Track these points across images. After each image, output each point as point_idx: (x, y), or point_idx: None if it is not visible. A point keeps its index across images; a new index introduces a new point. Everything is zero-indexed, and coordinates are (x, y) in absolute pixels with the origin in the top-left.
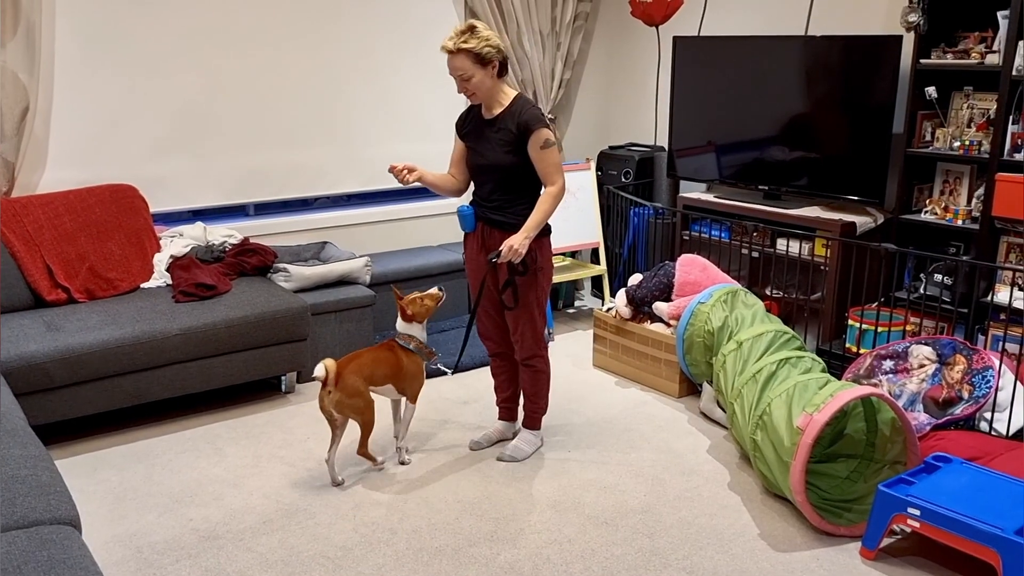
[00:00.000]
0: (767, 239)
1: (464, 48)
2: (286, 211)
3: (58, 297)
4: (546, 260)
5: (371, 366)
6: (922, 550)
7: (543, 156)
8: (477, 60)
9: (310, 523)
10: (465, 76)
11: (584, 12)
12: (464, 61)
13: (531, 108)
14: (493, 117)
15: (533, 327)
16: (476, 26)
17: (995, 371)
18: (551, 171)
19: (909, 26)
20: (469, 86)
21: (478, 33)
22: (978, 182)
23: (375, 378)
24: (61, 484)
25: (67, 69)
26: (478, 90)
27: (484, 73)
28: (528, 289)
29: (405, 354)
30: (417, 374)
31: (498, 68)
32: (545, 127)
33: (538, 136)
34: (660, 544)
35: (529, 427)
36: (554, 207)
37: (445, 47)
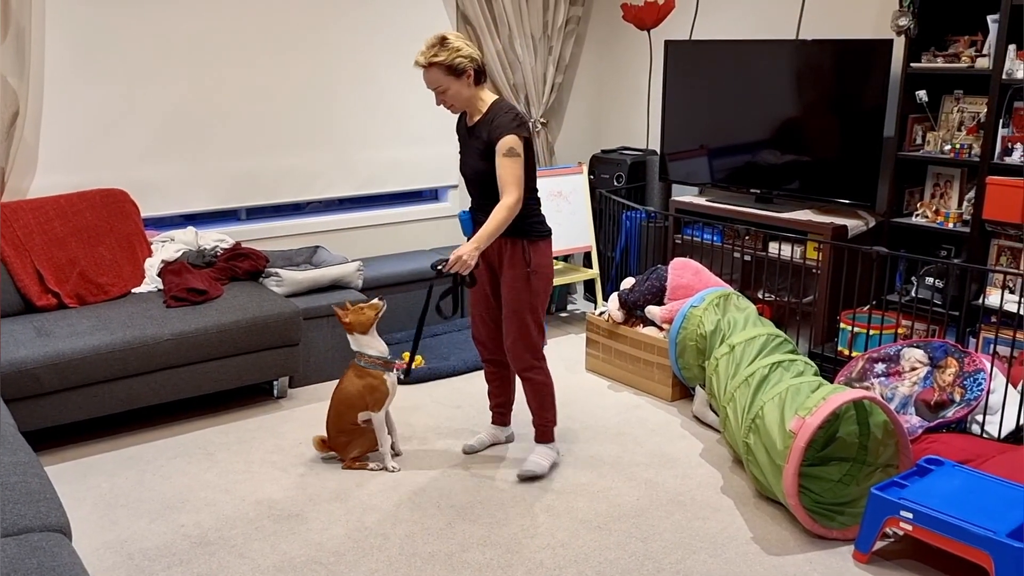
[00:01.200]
0: (759, 243)
1: (435, 62)
2: (278, 215)
3: (48, 302)
4: (542, 263)
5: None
6: (915, 553)
7: (502, 163)
8: (450, 72)
9: (302, 528)
10: (440, 89)
11: (576, 16)
12: (437, 74)
13: (504, 115)
14: (473, 124)
15: (527, 335)
16: (447, 37)
17: (986, 374)
18: (507, 180)
19: (899, 30)
20: (446, 98)
21: (448, 44)
22: (969, 185)
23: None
24: (51, 491)
25: (57, 73)
26: (456, 101)
27: (459, 84)
28: (520, 292)
29: (359, 373)
30: (372, 387)
31: (473, 76)
32: (513, 134)
33: (503, 143)
34: (653, 548)
35: (542, 441)
36: (506, 220)
37: (417, 62)
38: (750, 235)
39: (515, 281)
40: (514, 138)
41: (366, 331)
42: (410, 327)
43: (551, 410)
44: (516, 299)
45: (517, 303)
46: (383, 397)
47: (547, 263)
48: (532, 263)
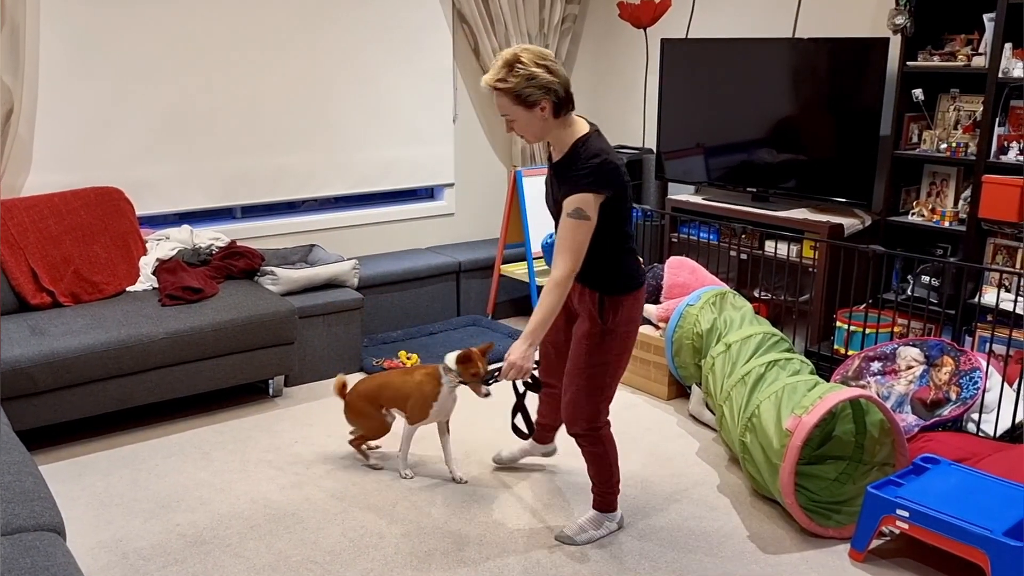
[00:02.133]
0: (755, 241)
1: (501, 88)
2: (273, 214)
3: (43, 301)
4: (622, 321)
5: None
6: (911, 552)
7: (563, 223)
8: (519, 102)
9: (298, 528)
10: (509, 117)
11: (572, 14)
12: (503, 101)
13: (583, 163)
14: (558, 161)
15: (582, 398)
16: (521, 58)
17: (982, 372)
18: (561, 247)
19: (896, 28)
20: (516, 128)
21: (519, 69)
22: (965, 184)
23: (380, 399)
24: (45, 490)
25: (52, 71)
26: (527, 133)
27: (530, 116)
28: (588, 351)
29: (426, 377)
30: (420, 400)
31: (551, 109)
32: (586, 192)
33: (571, 201)
34: (649, 546)
35: (599, 508)
36: (557, 303)
37: (485, 82)
38: (746, 234)
39: (584, 338)
40: (585, 197)
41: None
42: (406, 325)
43: (608, 481)
44: (579, 357)
45: (580, 361)
46: (421, 413)
47: (627, 320)
48: (609, 321)
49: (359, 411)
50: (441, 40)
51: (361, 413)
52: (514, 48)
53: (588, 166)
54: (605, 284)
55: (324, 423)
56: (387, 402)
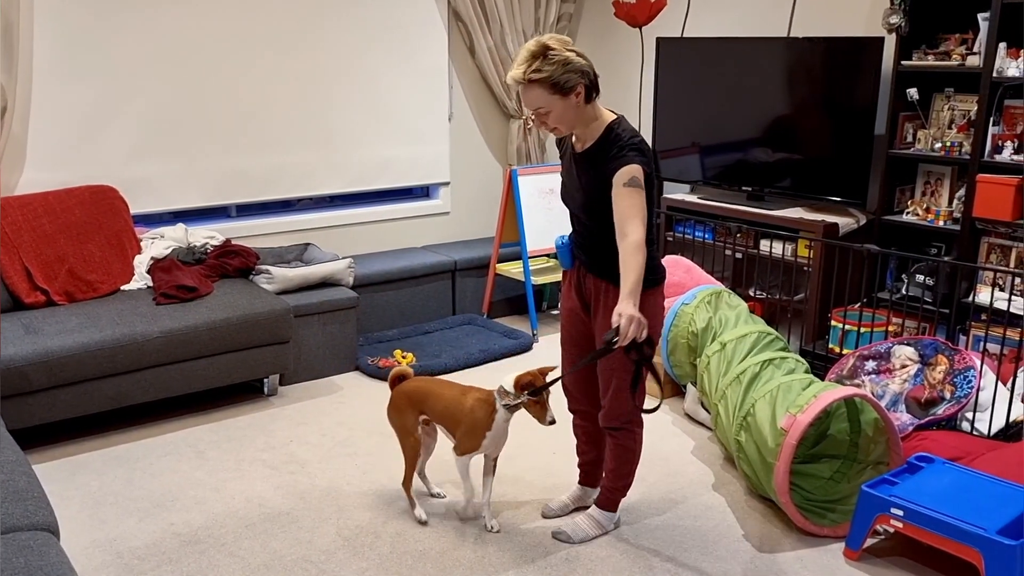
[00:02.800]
0: (750, 240)
1: (537, 79)
2: (268, 212)
3: (37, 299)
4: (651, 315)
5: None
6: (905, 550)
7: (622, 194)
8: (555, 90)
9: (293, 527)
10: (543, 111)
11: (568, 13)
12: (539, 93)
13: (625, 141)
14: (585, 151)
15: (622, 395)
16: (551, 46)
17: (976, 371)
18: (630, 215)
19: (891, 28)
20: (548, 121)
21: (553, 56)
22: (959, 183)
23: (426, 408)
24: (39, 489)
25: (46, 69)
26: (561, 123)
27: (566, 103)
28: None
29: (478, 403)
30: (472, 428)
31: (584, 94)
32: (635, 163)
33: (624, 172)
34: (645, 545)
35: (602, 506)
36: (643, 262)
37: (515, 78)
38: (742, 233)
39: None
40: (636, 167)
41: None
42: (401, 324)
43: (627, 479)
44: (615, 355)
45: (613, 360)
46: (472, 442)
47: (655, 313)
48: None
49: (397, 406)
50: (437, 39)
51: (398, 409)
52: (536, 39)
53: (632, 143)
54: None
55: (319, 422)
56: (431, 413)
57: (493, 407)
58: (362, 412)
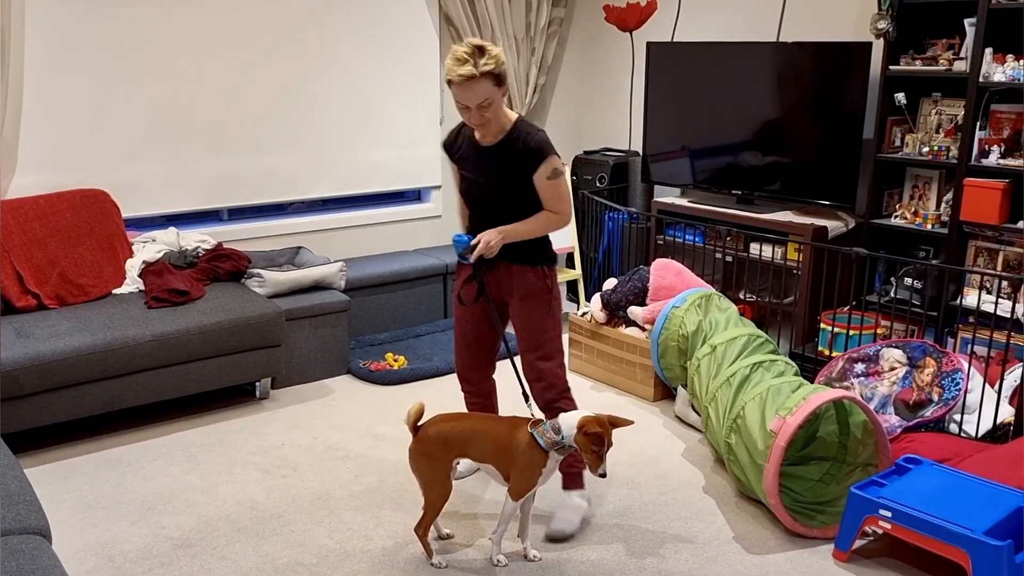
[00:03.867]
0: (740, 243)
1: (487, 71)
2: (260, 216)
3: (28, 303)
4: (557, 288)
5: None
6: (894, 551)
7: (550, 186)
8: (497, 82)
9: (285, 530)
10: (487, 102)
11: (558, 17)
12: (487, 86)
13: (538, 133)
14: (495, 144)
15: (557, 363)
16: (482, 45)
17: (964, 374)
18: (557, 201)
19: (879, 33)
20: (488, 114)
21: (490, 51)
22: (947, 187)
23: (468, 450)
24: (31, 493)
25: (37, 72)
26: (496, 115)
27: (500, 95)
28: (547, 322)
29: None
30: (528, 467)
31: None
32: (555, 155)
33: (549, 164)
34: (635, 548)
35: (572, 487)
36: (546, 229)
37: (461, 75)
38: (731, 236)
39: (539, 311)
40: (556, 159)
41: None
42: (393, 327)
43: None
44: (540, 331)
45: (544, 335)
46: (526, 485)
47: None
48: (554, 290)
49: (429, 454)
50: (427, 42)
51: (431, 457)
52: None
53: (541, 137)
54: (543, 256)
55: (311, 426)
56: (477, 455)
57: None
58: (354, 415)
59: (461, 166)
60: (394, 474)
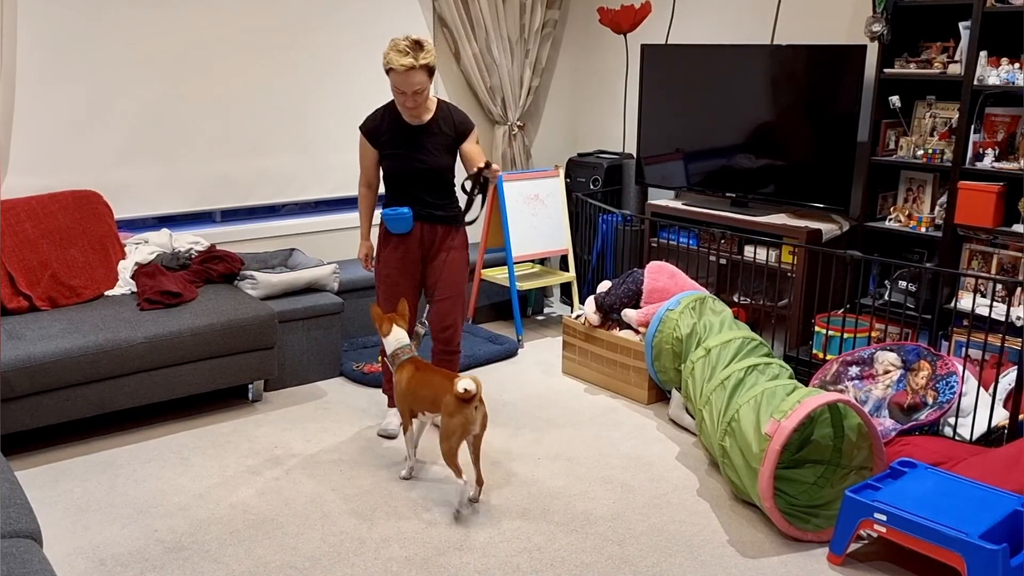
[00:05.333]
0: (734, 246)
1: (425, 63)
2: (253, 218)
3: (19, 305)
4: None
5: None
6: (888, 555)
7: (477, 148)
8: (430, 73)
9: (278, 533)
10: (421, 90)
11: (553, 20)
12: (423, 76)
13: (459, 111)
14: (424, 123)
15: (463, 315)
16: (420, 40)
17: (959, 377)
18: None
19: (873, 36)
20: (420, 98)
21: (427, 47)
22: (941, 190)
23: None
24: (21, 496)
25: (30, 73)
26: (425, 100)
27: (430, 83)
28: (463, 274)
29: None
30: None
31: None
32: (473, 127)
33: (474, 134)
34: (629, 551)
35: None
36: None
37: (404, 64)
38: (726, 239)
39: (459, 263)
40: (474, 127)
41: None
42: None
43: None
44: (458, 283)
45: (461, 285)
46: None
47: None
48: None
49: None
50: None
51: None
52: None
53: (462, 113)
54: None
55: (304, 428)
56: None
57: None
58: (347, 418)
59: (387, 147)
60: (387, 477)
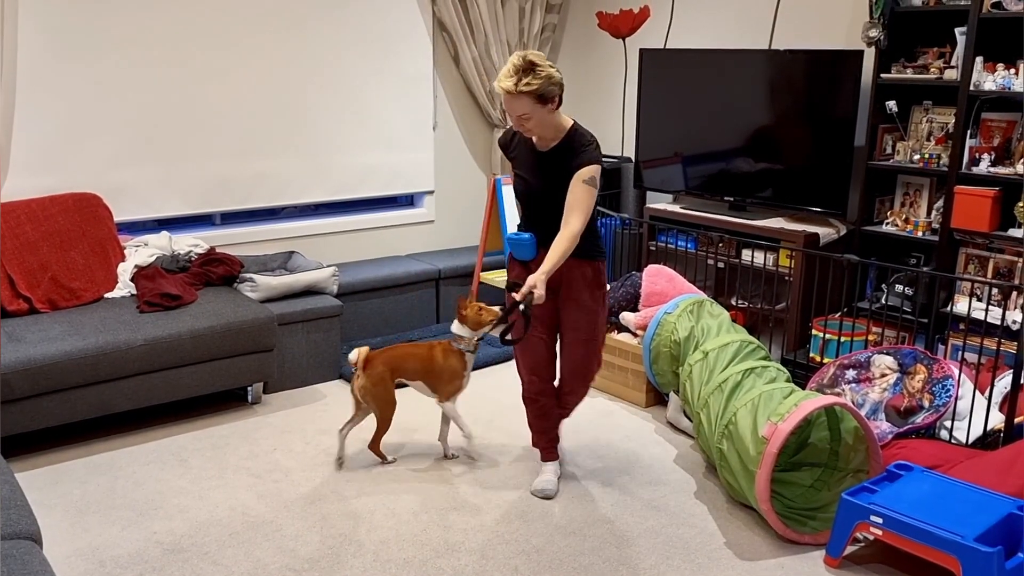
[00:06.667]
0: (732, 250)
1: (526, 91)
2: (253, 220)
3: (19, 307)
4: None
5: (401, 359)
6: (885, 557)
7: (580, 188)
8: (539, 100)
9: (276, 535)
10: (525, 116)
11: (552, 24)
12: (526, 102)
13: (587, 142)
14: (549, 150)
15: (596, 361)
16: (536, 63)
17: (955, 380)
18: (578, 208)
19: (870, 41)
20: (528, 124)
21: (539, 71)
22: (937, 194)
23: (405, 371)
24: (21, 498)
25: (30, 76)
26: (537, 127)
27: (544, 111)
28: (596, 316)
29: (447, 353)
30: (453, 375)
31: (558, 102)
32: (597, 164)
33: (586, 171)
34: (627, 554)
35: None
36: (570, 249)
37: (506, 89)
38: (723, 242)
39: (591, 303)
40: (596, 167)
41: (475, 328)
42: (385, 332)
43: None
44: (591, 323)
45: (592, 328)
46: (454, 388)
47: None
48: (603, 284)
49: (382, 379)
50: (421, 48)
51: (384, 381)
52: (520, 55)
53: (592, 144)
54: (596, 253)
55: (303, 430)
56: (410, 374)
57: (461, 352)
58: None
59: (515, 165)
60: (386, 479)
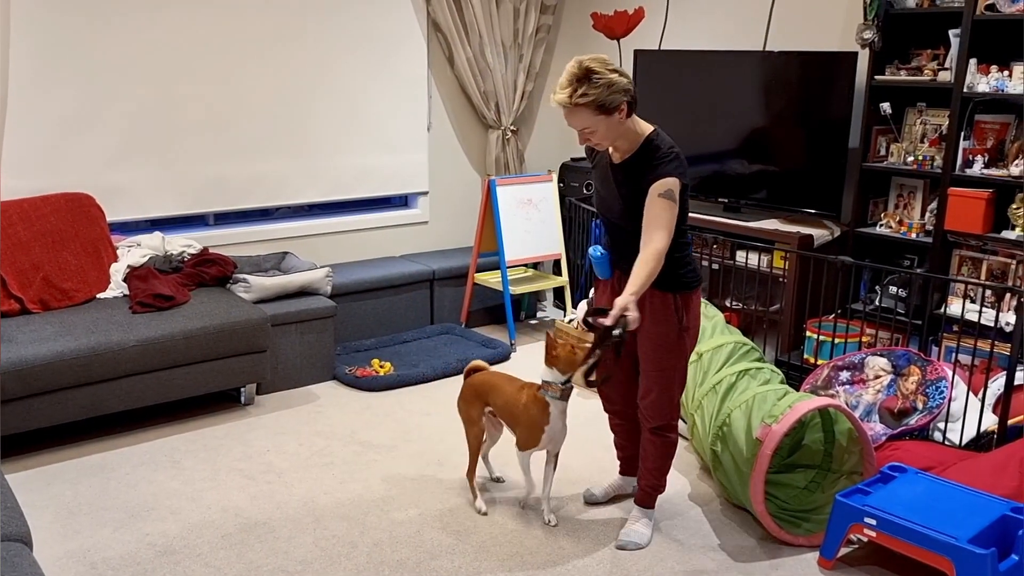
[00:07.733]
0: (727, 251)
1: (582, 103)
2: (246, 221)
3: (11, 308)
4: (693, 318)
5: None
6: (879, 559)
7: (656, 203)
8: (601, 111)
9: (270, 537)
10: (589, 130)
11: (546, 24)
12: (584, 115)
13: (664, 153)
14: (622, 162)
15: (671, 394)
16: (593, 69)
17: (948, 382)
18: (657, 224)
19: (864, 43)
20: (594, 138)
21: (597, 80)
22: (931, 196)
23: (492, 403)
24: (12, 499)
25: (22, 75)
26: (605, 139)
27: (610, 121)
28: (670, 351)
29: (530, 400)
30: (531, 425)
31: (627, 109)
32: (674, 176)
33: (662, 183)
34: (622, 554)
35: (644, 504)
36: (657, 270)
37: (560, 102)
38: (718, 244)
39: (663, 339)
40: (675, 180)
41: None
42: (379, 333)
43: (663, 476)
44: (663, 359)
45: (663, 363)
46: (529, 438)
47: (696, 316)
48: (685, 320)
49: (465, 397)
50: (415, 49)
51: (466, 400)
52: (577, 61)
53: (671, 154)
54: (677, 282)
55: (296, 432)
56: (494, 407)
57: (545, 403)
58: (340, 422)
59: (594, 177)
60: (380, 481)
